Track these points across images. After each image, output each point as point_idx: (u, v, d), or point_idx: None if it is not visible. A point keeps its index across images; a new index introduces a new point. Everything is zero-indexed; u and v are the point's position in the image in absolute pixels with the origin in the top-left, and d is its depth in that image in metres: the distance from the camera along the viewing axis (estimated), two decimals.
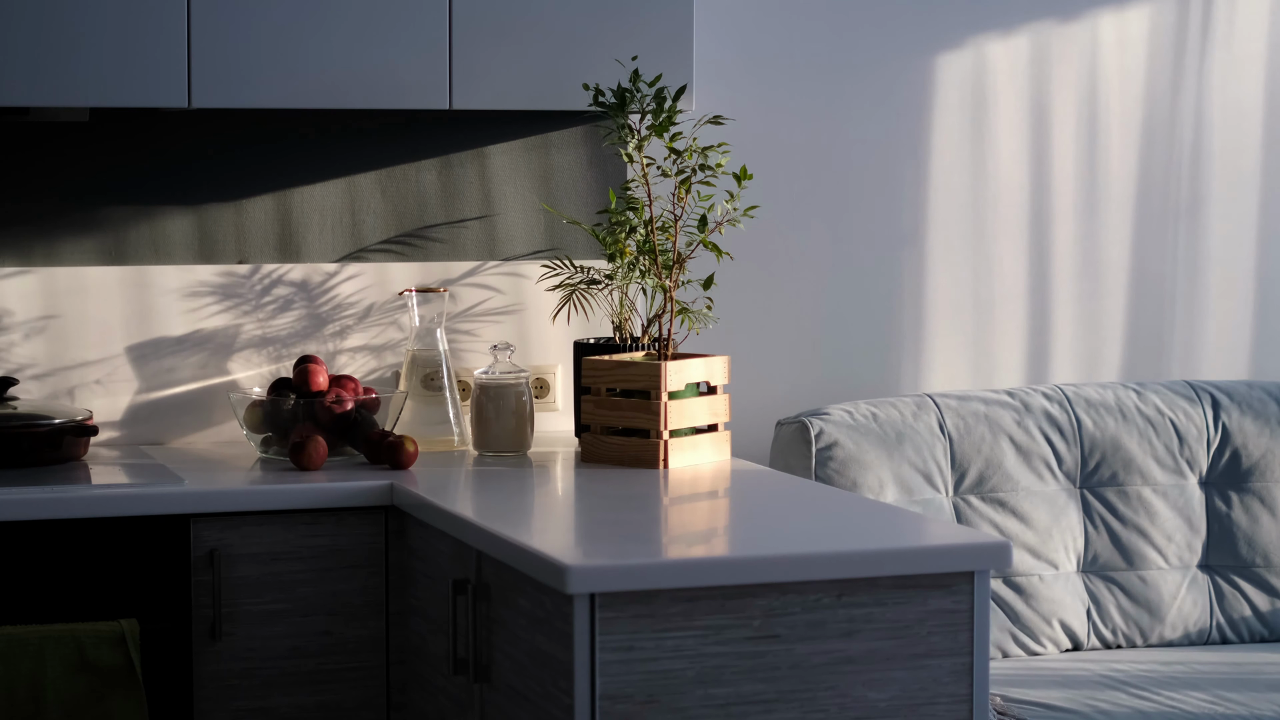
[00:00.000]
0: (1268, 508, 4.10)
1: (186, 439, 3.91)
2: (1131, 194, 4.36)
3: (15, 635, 3.27)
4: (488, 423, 3.77)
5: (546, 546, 2.85)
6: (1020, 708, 3.53)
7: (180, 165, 3.88)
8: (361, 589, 3.46)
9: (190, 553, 3.39)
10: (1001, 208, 4.29)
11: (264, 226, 3.92)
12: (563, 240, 4.05)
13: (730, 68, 4.11)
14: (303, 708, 3.45)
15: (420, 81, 3.67)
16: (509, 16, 3.70)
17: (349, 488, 3.44)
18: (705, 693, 2.81)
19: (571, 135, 4.05)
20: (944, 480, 3.95)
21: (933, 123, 4.24)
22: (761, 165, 4.11)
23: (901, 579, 2.88)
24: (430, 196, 4.00)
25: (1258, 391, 4.19)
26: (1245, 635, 4.05)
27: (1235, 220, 4.43)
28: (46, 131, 3.82)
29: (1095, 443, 4.05)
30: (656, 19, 3.76)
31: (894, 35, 4.20)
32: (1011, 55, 4.27)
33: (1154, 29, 4.34)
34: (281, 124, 3.92)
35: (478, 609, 3.10)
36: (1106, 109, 4.33)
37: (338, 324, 3.96)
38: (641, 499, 3.33)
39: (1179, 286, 4.40)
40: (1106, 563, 4.02)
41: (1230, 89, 4.40)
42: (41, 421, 3.56)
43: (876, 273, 4.24)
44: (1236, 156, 4.41)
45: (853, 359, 4.24)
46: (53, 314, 3.84)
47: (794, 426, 3.92)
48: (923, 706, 2.90)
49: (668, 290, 3.67)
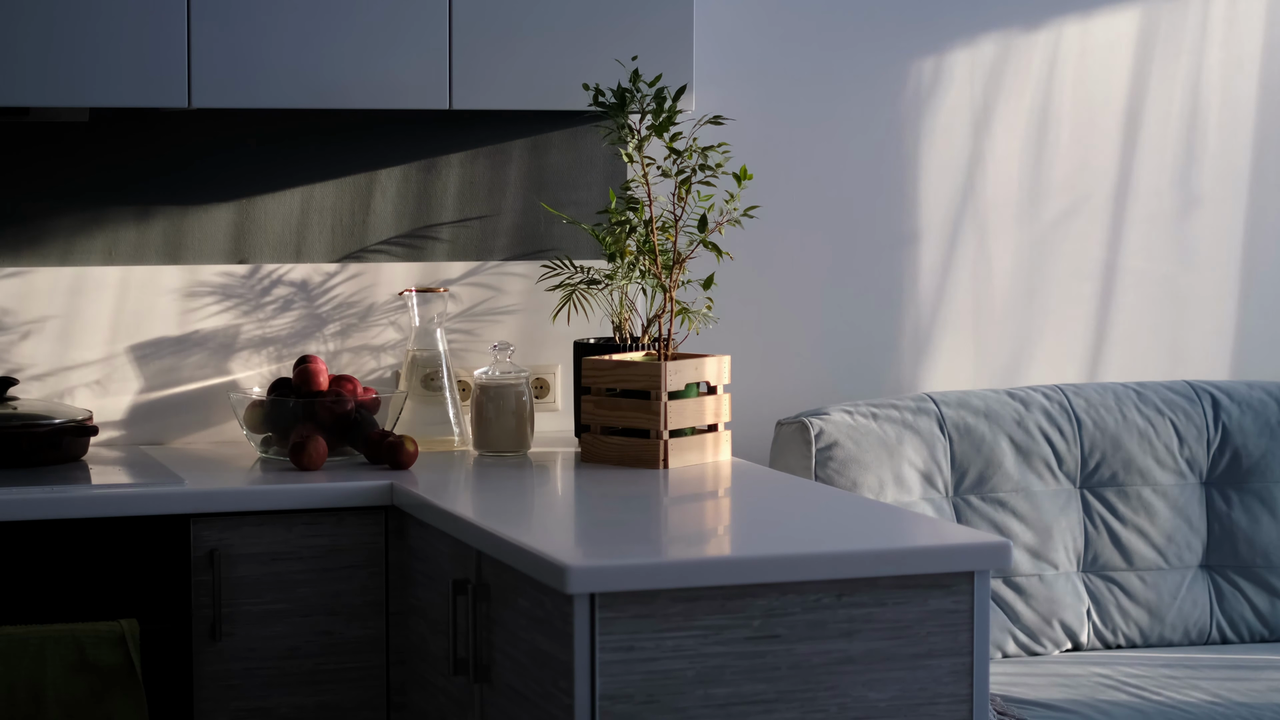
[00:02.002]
0: (1268, 508, 4.10)
1: (186, 439, 3.91)
2: (1131, 194, 4.36)
3: (15, 635, 3.27)
4: (488, 423, 3.77)
5: (546, 546, 2.85)
6: (1020, 708, 3.53)
7: (180, 165, 3.88)
8: (361, 589, 3.46)
9: (190, 553, 3.39)
10: (1001, 207, 4.29)
11: (264, 226, 3.92)
12: (563, 240, 4.05)
13: (730, 69, 4.11)
14: (303, 708, 3.45)
15: (420, 82, 3.67)
16: (509, 17, 3.70)
17: (349, 488, 3.44)
18: (705, 693, 2.81)
19: (571, 135, 4.05)
20: (944, 480, 3.95)
21: (933, 123, 4.24)
22: (761, 165, 4.10)
23: (901, 579, 2.88)
24: (430, 196, 3.99)
25: (1258, 391, 4.19)
26: (1245, 635, 4.05)
27: (1235, 220, 4.42)
28: (46, 131, 3.82)
29: (1095, 443, 4.05)
30: (656, 19, 3.76)
31: (894, 36, 4.20)
32: (1011, 55, 4.27)
33: (1151, 28, 4.34)
34: (281, 124, 3.92)
35: (478, 609, 3.10)
36: (1106, 109, 4.33)
37: (338, 324, 3.96)
38: (641, 499, 3.33)
39: (1178, 286, 4.40)
40: (1106, 563, 4.01)
41: (1223, 88, 4.40)
42: (41, 421, 3.56)
43: (876, 273, 4.24)
44: (1234, 155, 4.41)
45: (853, 359, 4.24)
46: (53, 314, 3.84)
47: (794, 426, 3.92)
48: (923, 706, 2.90)
49: (668, 290, 3.67)
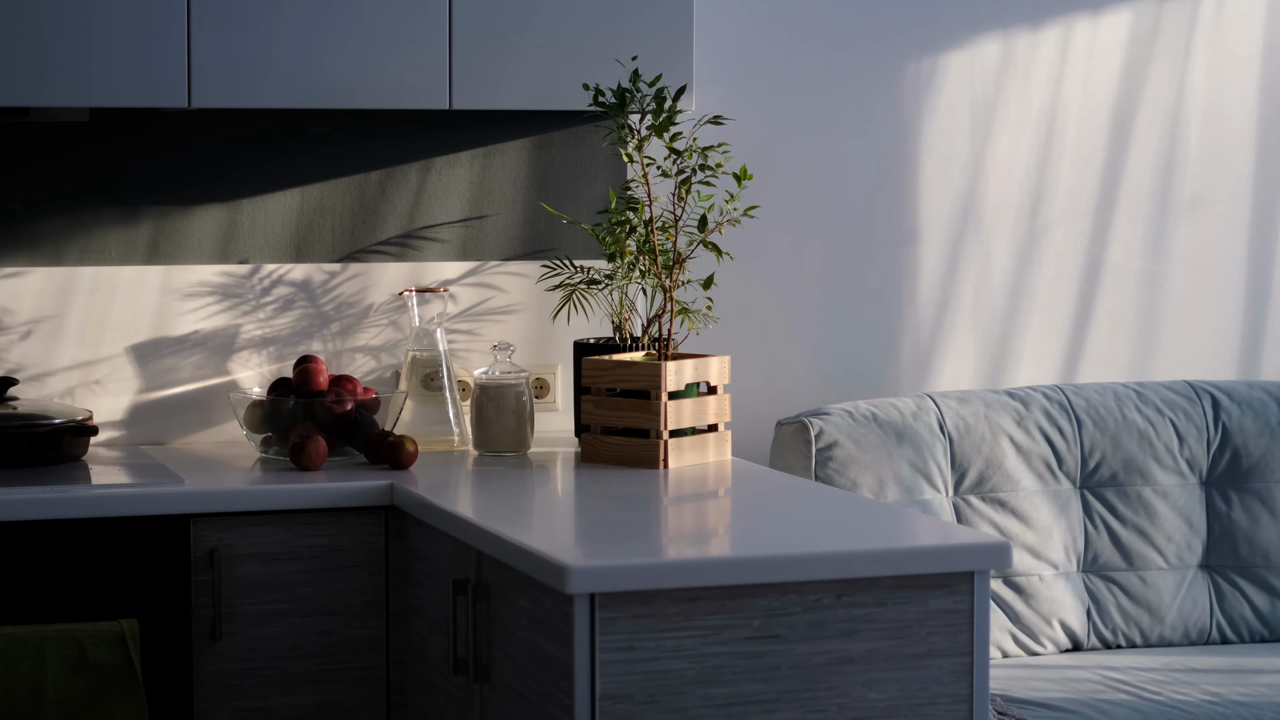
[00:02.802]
0: (1268, 508, 4.10)
1: (186, 439, 3.91)
2: (1131, 193, 4.36)
3: (15, 635, 3.27)
4: (488, 423, 3.77)
5: (546, 546, 2.85)
6: (1020, 708, 3.53)
7: (180, 165, 3.88)
8: (361, 589, 3.46)
9: (190, 553, 3.39)
10: (1001, 208, 4.29)
11: (264, 226, 3.92)
12: (563, 240, 4.05)
13: (730, 69, 4.11)
14: (303, 708, 3.45)
15: (420, 82, 3.67)
16: (509, 16, 3.70)
17: (349, 488, 3.44)
18: (705, 693, 2.81)
19: (571, 135, 4.05)
20: (944, 480, 3.95)
21: (933, 123, 4.24)
22: (761, 165, 4.10)
23: (901, 579, 2.88)
24: (430, 196, 3.99)
25: (1258, 391, 4.19)
26: (1245, 635, 4.05)
27: (1234, 220, 4.42)
28: (46, 131, 3.82)
29: (1095, 443, 4.05)
30: (656, 19, 3.76)
31: (894, 36, 4.20)
32: (1011, 56, 4.27)
33: (1152, 28, 4.34)
34: (281, 124, 3.92)
35: (478, 609, 3.10)
36: (1106, 108, 4.33)
37: (338, 324, 3.96)
38: (641, 499, 3.33)
39: (1179, 286, 4.40)
40: (1106, 563, 4.01)
41: (1230, 88, 4.40)
42: (41, 421, 3.56)
43: (876, 273, 4.24)
44: (1235, 155, 4.41)
45: (853, 359, 4.24)
46: (53, 314, 3.84)
47: (794, 426, 3.92)
48: (923, 706, 2.90)
49: (668, 290, 3.67)
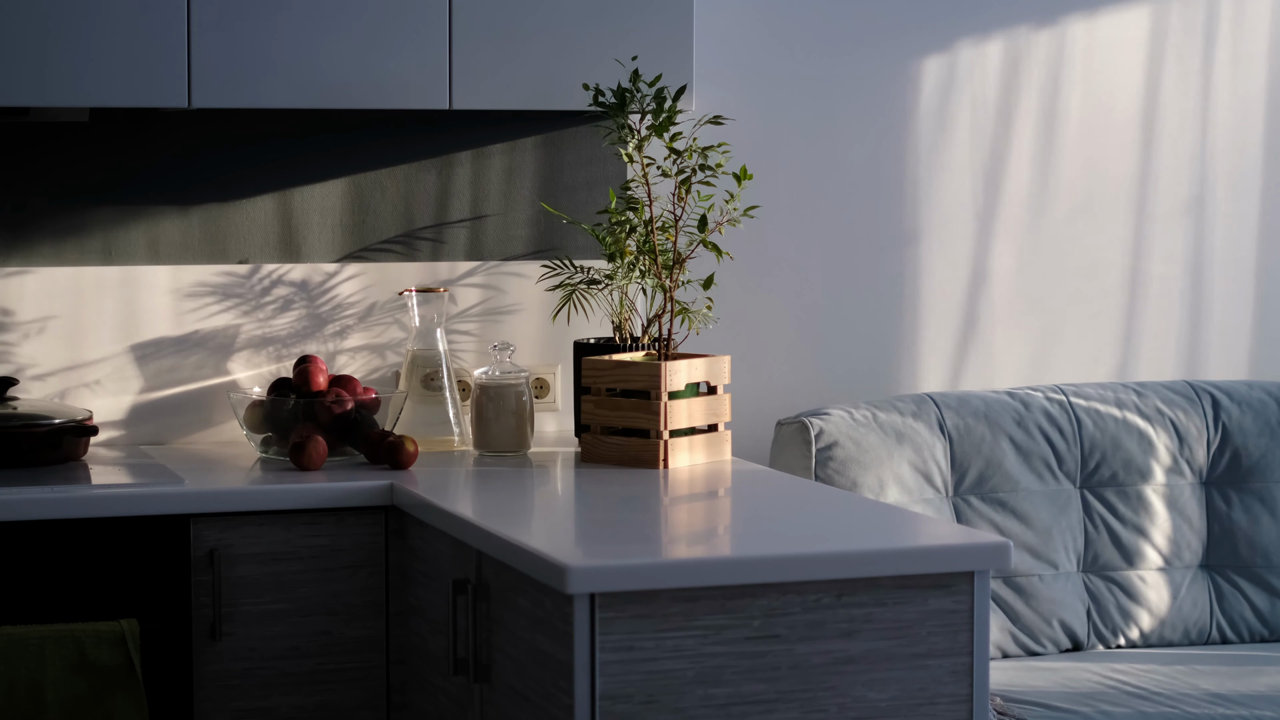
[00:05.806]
0: (1268, 508, 4.10)
1: (186, 439, 3.91)
2: (1131, 194, 4.36)
3: (15, 635, 3.27)
4: (488, 423, 3.77)
5: (546, 546, 2.85)
6: (1020, 708, 3.53)
7: (180, 165, 3.88)
8: (361, 589, 3.46)
9: (190, 553, 3.39)
10: (1001, 208, 4.29)
11: (264, 226, 3.92)
12: (563, 240, 4.05)
13: (730, 70, 4.11)
14: (303, 708, 3.45)
15: (420, 81, 3.67)
16: (509, 16, 3.70)
17: (349, 488, 3.44)
18: (705, 693, 2.81)
19: (571, 135, 4.05)
20: (944, 480, 3.95)
21: (933, 123, 4.24)
22: (761, 165, 4.10)
23: (901, 579, 2.88)
24: (430, 196, 3.99)
25: (1258, 391, 4.19)
26: (1245, 635, 4.05)
27: (1235, 220, 4.42)
28: (46, 131, 3.82)
29: (1095, 443, 4.05)
30: (656, 19, 3.76)
31: (895, 35, 4.20)
32: (1015, 54, 4.27)
33: (1155, 28, 4.34)
34: (281, 124, 3.92)
35: (478, 609, 3.10)
36: (1106, 108, 4.33)
37: (338, 324, 3.96)
38: (641, 499, 3.33)
39: (1179, 286, 4.40)
40: (1106, 563, 4.01)
41: (1231, 88, 4.40)
42: (41, 421, 3.56)
43: (876, 273, 4.24)
44: (1237, 156, 4.41)
45: (853, 359, 4.24)
46: (53, 314, 3.84)
47: (794, 426, 3.92)
48: (923, 706, 2.90)
49: (668, 290, 3.67)
